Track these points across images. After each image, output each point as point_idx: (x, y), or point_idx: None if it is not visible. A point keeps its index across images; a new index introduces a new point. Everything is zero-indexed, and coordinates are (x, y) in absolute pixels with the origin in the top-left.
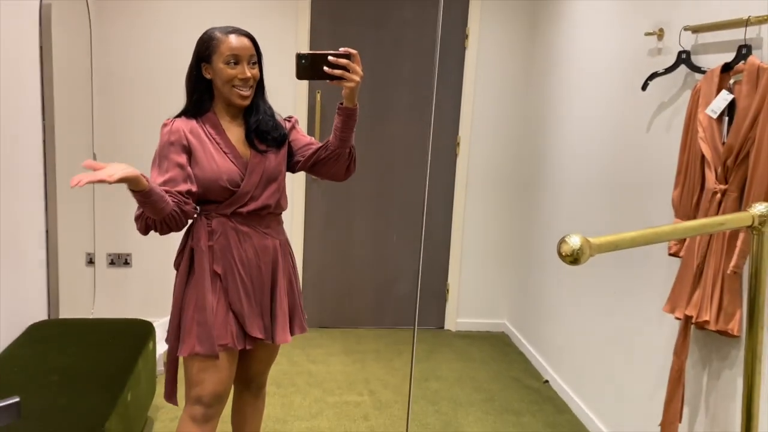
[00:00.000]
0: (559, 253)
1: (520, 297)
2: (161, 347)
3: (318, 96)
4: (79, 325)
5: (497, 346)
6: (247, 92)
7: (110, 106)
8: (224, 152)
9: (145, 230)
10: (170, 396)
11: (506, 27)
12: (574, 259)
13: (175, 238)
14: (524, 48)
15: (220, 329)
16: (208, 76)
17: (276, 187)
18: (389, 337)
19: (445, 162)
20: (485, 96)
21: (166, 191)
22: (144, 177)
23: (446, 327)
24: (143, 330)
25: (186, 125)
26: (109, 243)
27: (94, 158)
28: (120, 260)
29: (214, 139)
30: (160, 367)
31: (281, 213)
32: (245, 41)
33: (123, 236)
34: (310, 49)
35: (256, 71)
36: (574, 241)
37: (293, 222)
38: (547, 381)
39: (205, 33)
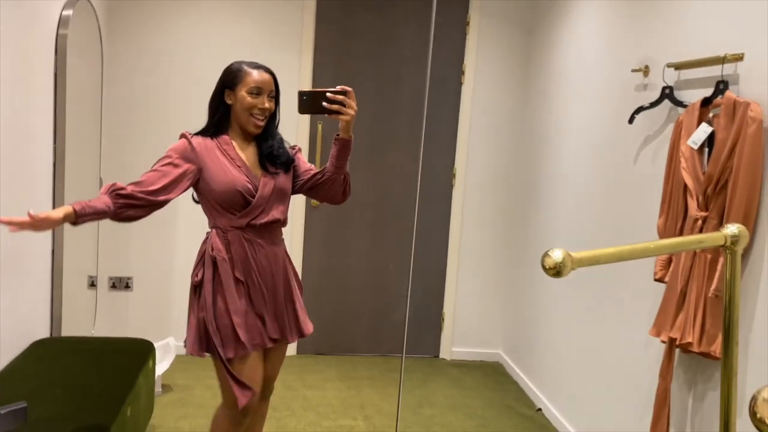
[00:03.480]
0: (543, 267)
1: (514, 327)
2: (161, 367)
3: (320, 127)
4: (82, 343)
5: (491, 375)
6: (261, 122)
7: (117, 131)
8: (238, 166)
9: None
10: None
11: (501, 62)
12: (556, 271)
13: (176, 263)
14: (518, 83)
15: (252, 331)
16: (229, 102)
17: (285, 204)
18: (385, 365)
19: (442, 192)
20: (480, 128)
21: (117, 194)
22: (70, 210)
23: (441, 356)
24: (144, 349)
25: (203, 142)
26: (111, 266)
27: (101, 183)
28: (121, 284)
29: (229, 155)
30: (159, 388)
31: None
32: (268, 77)
33: (125, 260)
34: (312, 86)
35: (272, 104)
36: (557, 255)
37: (292, 249)
38: (540, 409)
39: (234, 63)
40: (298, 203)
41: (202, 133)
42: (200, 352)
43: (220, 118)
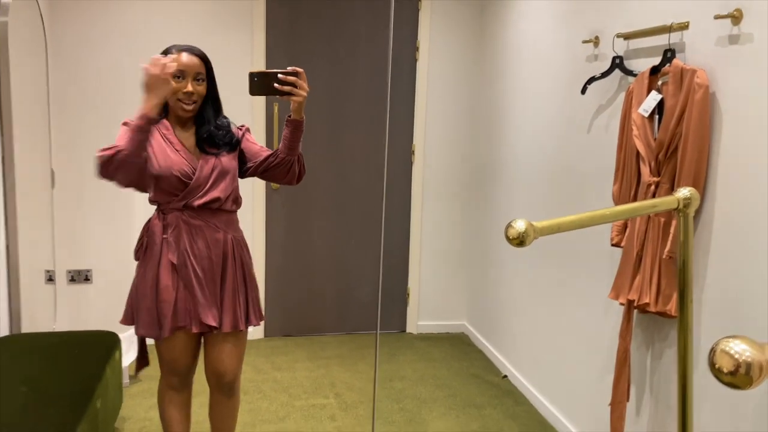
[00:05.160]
0: (507, 237)
1: (477, 298)
2: (128, 358)
3: (276, 108)
4: (44, 339)
5: (457, 346)
6: (189, 106)
7: (67, 121)
8: (176, 150)
9: (114, 167)
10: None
11: (455, 38)
12: (520, 241)
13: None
14: (473, 58)
15: (179, 313)
16: None
17: (228, 182)
18: (352, 342)
19: (401, 169)
20: (437, 104)
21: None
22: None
23: (408, 330)
24: (109, 341)
25: None
26: (68, 260)
27: (53, 174)
28: (80, 277)
29: (168, 139)
30: (126, 379)
31: (235, 211)
32: (194, 59)
33: (82, 253)
34: (266, 66)
35: (201, 88)
36: (520, 225)
37: (254, 234)
38: (505, 376)
39: (167, 48)
40: (258, 187)
41: None
42: (127, 322)
43: None
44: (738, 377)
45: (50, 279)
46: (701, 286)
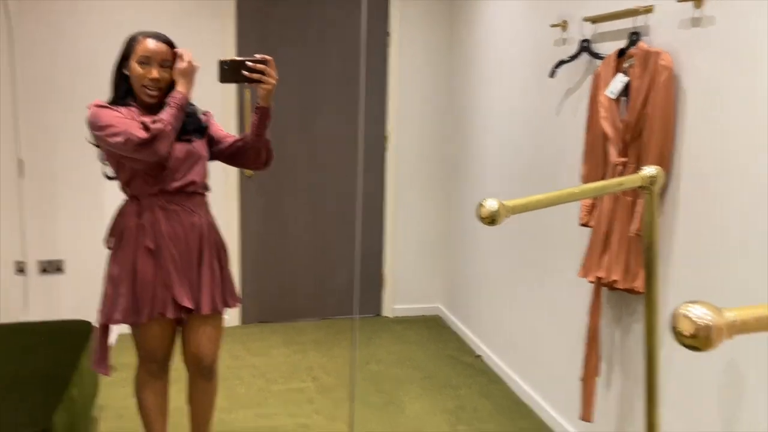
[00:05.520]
0: (478, 216)
1: (452, 280)
2: None
3: (248, 94)
4: (18, 328)
5: (433, 328)
6: (154, 92)
7: (35, 112)
8: None
9: (163, 142)
10: (99, 363)
11: (426, 24)
12: (491, 220)
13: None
14: (444, 43)
15: (157, 299)
16: (126, 73)
17: (201, 166)
18: (329, 328)
19: (376, 154)
20: (410, 90)
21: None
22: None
23: (384, 314)
24: (83, 329)
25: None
26: (39, 250)
27: (21, 164)
28: (52, 267)
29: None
30: None
31: (205, 194)
32: (160, 45)
33: (54, 243)
34: (236, 53)
35: (167, 75)
36: (491, 204)
37: (229, 221)
38: (479, 356)
39: (131, 34)
40: (232, 175)
41: (111, 105)
42: (104, 320)
43: (125, 90)
44: (698, 339)
45: (20, 270)
46: (667, 262)
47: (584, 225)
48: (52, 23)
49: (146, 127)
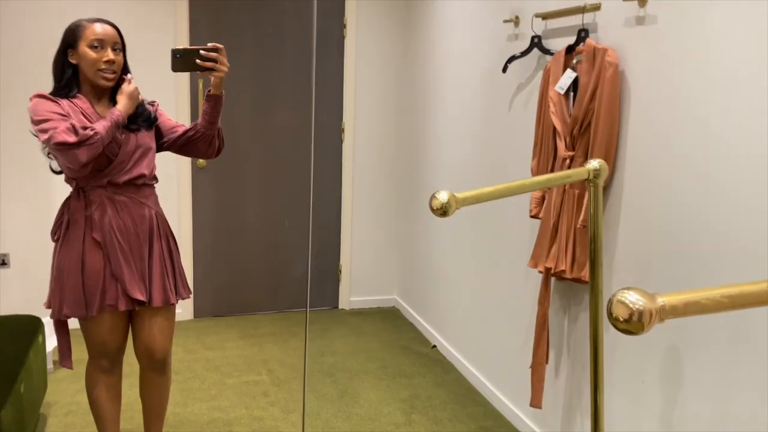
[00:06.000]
0: (430, 208)
1: (407, 272)
2: (51, 343)
3: (200, 84)
4: None
5: (389, 320)
6: (111, 75)
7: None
8: None
9: (89, 149)
10: (65, 359)
11: (382, 16)
12: (443, 211)
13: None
14: (400, 35)
15: (107, 292)
16: (74, 61)
17: (150, 158)
18: (285, 321)
19: (332, 147)
20: (366, 82)
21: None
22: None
23: (340, 306)
24: (32, 325)
25: (62, 102)
26: None
27: None
28: None
29: (86, 114)
30: (50, 365)
31: (154, 185)
32: (109, 28)
33: None
34: (190, 43)
35: (120, 57)
36: (442, 196)
37: (181, 213)
38: (434, 346)
39: (73, 22)
40: (183, 165)
41: (53, 95)
42: (55, 315)
43: (68, 79)
44: (632, 324)
45: None
46: (612, 252)
47: (534, 217)
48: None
49: (75, 131)
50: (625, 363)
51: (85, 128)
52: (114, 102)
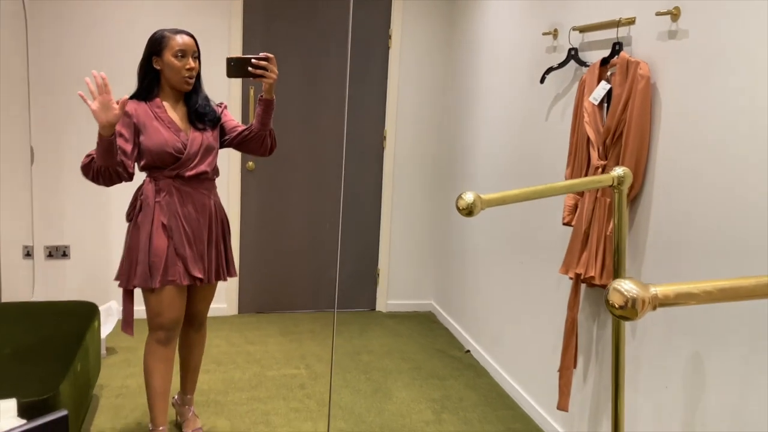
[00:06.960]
0: (457, 207)
1: (444, 278)
2: (104, 330)
3: (251, 91)
4: (27, 307)
5: (424, 324)
6: (192, 80)
7: (47, 103)
8: (168, 127)
9: (91, 176)
10: (127, 326)
11: (426, 28)
12: (468, 211)
13: (112, 229)
14: (443, 46)
15: (169, 268)
16: (157, 67)
17: (212, 157)
18: (324, 319)
19: (374, 154)
20: (408, 92)
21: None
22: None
23: (377, 309)
24: (88, 310)
25: (137, 106)
26: (46, 236)
27: (32, 151)
28: (58, 252)
29: (160, 117)
30: (103, 350)
31: (215, 179)
32: (189, 39)
33: (60, 229)
34: (242, 50)
35: (197, 64)
36: (468, 197)
37: (229, 213)
38: (468, 351)
39: (157, 32)
40: (234, 167)
41: (135, 97)
42: (124, 285)
43: (149, 83)
44: (627, 310)
45: (28, 254)
46: (641, 261)
47: (567, 224)
48: (64, 18)
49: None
50: (649, 369)
51: (88, 155)
52: (186, 103)
